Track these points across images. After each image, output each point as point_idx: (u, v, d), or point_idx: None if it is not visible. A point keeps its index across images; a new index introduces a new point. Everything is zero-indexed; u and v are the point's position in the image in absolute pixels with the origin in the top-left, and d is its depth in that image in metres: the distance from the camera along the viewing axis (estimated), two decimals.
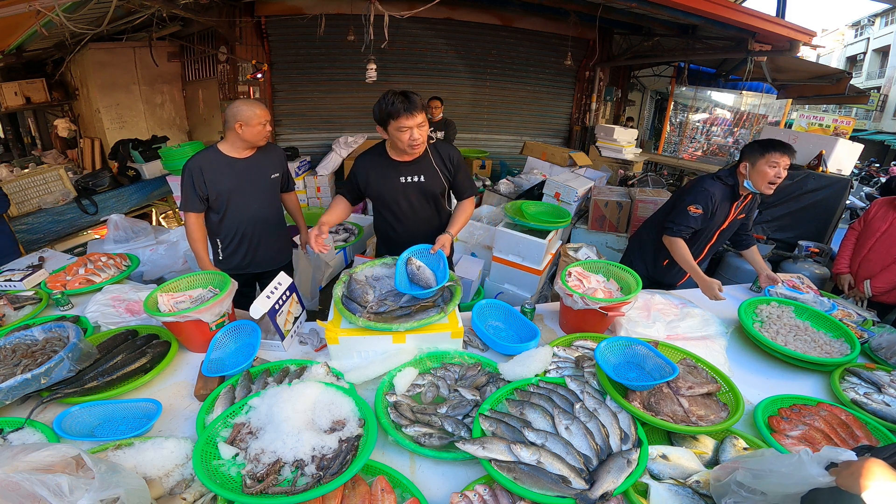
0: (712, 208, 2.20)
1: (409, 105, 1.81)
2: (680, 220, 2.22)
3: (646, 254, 2.52)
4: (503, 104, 6.41)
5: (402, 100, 1.81)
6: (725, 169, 2.31)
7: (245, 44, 5.23)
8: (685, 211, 2.20)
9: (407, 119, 1.82)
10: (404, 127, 1.84)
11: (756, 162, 2.08)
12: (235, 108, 2.08)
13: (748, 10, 3.79)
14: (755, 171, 2.10)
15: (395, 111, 1.81)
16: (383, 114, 1.85)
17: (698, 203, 2.18)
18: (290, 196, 2.56)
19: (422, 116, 1.86)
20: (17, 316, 1.93)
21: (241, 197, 2.21)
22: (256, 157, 2.23)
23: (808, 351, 1.76)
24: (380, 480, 1.14)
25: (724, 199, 2.22)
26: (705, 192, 2.19)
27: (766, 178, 2.07)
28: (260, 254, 2.37)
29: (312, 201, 5.48)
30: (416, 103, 1.83)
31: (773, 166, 2.05)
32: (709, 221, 2.25)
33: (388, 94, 1.85)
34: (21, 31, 4.10)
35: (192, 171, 2.10)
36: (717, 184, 2.22)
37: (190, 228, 2.18)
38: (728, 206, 2.25)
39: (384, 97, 1.86)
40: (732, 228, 2.36)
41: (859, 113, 17.64)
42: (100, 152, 5.79)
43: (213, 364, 1.59)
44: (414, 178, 2.05)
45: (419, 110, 1.84)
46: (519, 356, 1.60)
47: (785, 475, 0.90)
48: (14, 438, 1.27)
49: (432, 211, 2.17)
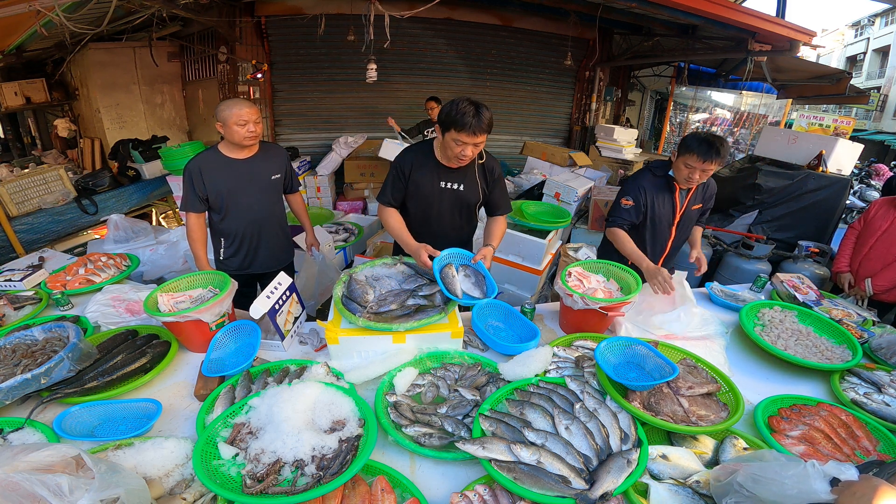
0: (644, 199, 2.22)
1: (478, 124, 1.72)
2: (614, 213, 2.29)
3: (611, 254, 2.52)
4: (503, 104, 6.41)
5: (474, 115, 1.71)
6: (660, 160, 2.34)
7: (245, 44, 5.23)
8: (618, 203, 2.28)
9: (468, 137, 1.74)
10: (462, 142, 1.77)
11: (677, 157, 2.10)
12: (217, 108, 2.07)
13: (748, 10, 3.79)
14: (675, 166, 2.13)
15: (462, 124, 1.72)
16: (449, 119, 1.75)
17: (628, 195, 2.25)
18: (294, 197, 2.56)
19: (483, 137, 1.77)
20: (17, 316, 1.92)
21: (241, 198, 2.20)
22: (257, 157, 2.22)
23: (809, 356, 1.75)
24: (380, 480, 1.14)
25: (658, 189, 2.22)
26: (634, 184, 2.26)
27: (682, 174, 2.11)
28: (261, 255, 2.36)
29: (312, 201, 5.48)
30: (483, 123, 1.73)
31: (688, 167, 2.05)
32: (652, 213, 2.24)
33: (463, 101, 1.74)
34: (21, 31, 4.10)
35: (192, 171, 2.11)
36: (646, 174, 2.27)
37: (190, 228, 2.18)
38: (669, 198, 2.24)
39: (457, 103, 1.74)
40: (690, 220, 2.35)
41: (859, 113, 17.62)
42: (100, 152, 5.79)
43: (213, 364, 1.59)
44: (453, 186, 2.01)
45: (485, 132, 1.75)
46: (519, 356, 1.60)
47: (787, 486, 0.89)
48: (14, 438, 1.27)
49: (463, 220, 2.14)
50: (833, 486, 0.85)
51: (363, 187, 5.60)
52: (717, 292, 2.28)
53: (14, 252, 3.79)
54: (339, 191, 5.76)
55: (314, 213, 4.90)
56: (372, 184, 5.57)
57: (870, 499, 0.78)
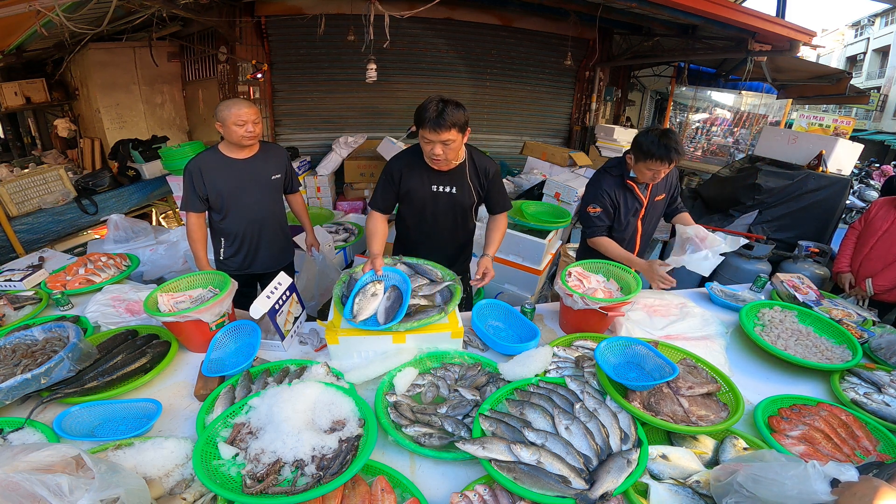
0: (610, 200, 2.22)
1: (438, 121, 1.67)
2: (587, 224, 2.29)
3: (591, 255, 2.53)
4: (503, 104, 6.41)
5: (436, 112, 1.67)
6: (614, 159, 2.33)
7: (245, 44, 5.23)
8: (586, 214, 2.28)
9: (431, 133, 1.71)
10: (427, 139, 1.75)
11: (638, 161, 2.09)
12: (217, 108, 2.08)
13: (748, 10, 3.79)
14: (637, 168, 2.13)
15: (424, 120, 1.70)
16: (416, 117, 1.74)
17: (593, 202, 2.24)
18: (294, 197, 2.56)
19: (450, 134, 1.72)
20: (17, 316, 1.93)
21: (241, 197, 2.20)
22: (257, 157, 2.22)
23: (810, 357, 1.75)
24: (380, 480, 1.14)
25: (619, 187, 2.23)
26: (594, 189, 2.26)
27: (646, 176, 2.11)
28: (261, 255, 2.36)
29: (312, 201, 5.48)
30: (445, 120, 1.67)
31: (651, 170, 2.06)
32: (621, 212, 2.25)
33: (431, 99, 1.71)
34: (21, 31, 4.10)
35: (192, 171, 2.11)
36: (604, 176, 2.27)
37: (190, 228, 2.19)
38: (631, 194, 2.24)
39: (427, 100, 1.71)
40: (656, 212, 2.36)
41: (859, 113, 17.63)
42: (100, 152, 5.79)
43: (213, 364, 1.59)
44: (445, 189, 1.98)
45: (446, 128, 1.69)
46: (519, 356, 1.60)
47: (787, 486, 0.89)
48: (14, 438, 1.27)
49: (458, 223, 2.12)
50: (833, 487, 0.85)
51: (363, 187, 5.60)
52: (717, 292, 2.28)
53: (14, 252, 3.79)
54: (339, 191, 5.76)
55: (314, 213, 4.90)
56: (372, 184, 5.57)
57: (870, 500, 0.77)
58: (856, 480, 0.85)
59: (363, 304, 1.62)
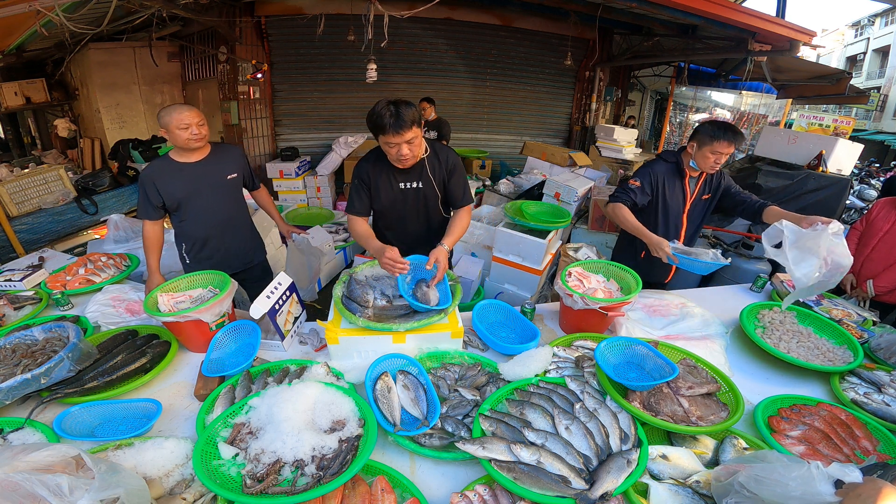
0: (653, 182, 2.26)
1: (398, 123, 1.68)
2: (619, 190, 2.33)
3: (625, 249, 2.54)
4: (503, 104, 6.41)
5: (391, 115, 1.68)
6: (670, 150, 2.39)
7: (245, 44, 5.23)
8: (626, 183, 2.33)
9: (393, 137, 1.72)
10: (391, 143, 1.76)
11: (703, 146, 2.13)
12: (158, 114, 2.06)
13: (748, 10, 3.79)
14: (700, 154, 2.16)
15: (382, 126, 1.71)
16: (371, 126, 1.76)
17: (637, 177, 2.30)
18: (259, 193, 2.56)
19: (412, 132, 1.73)
20: (17, 316, 1.92)
21: (199, 200, 2.19)
22: (209, 159, 2.19)
23: (811, 358, 1.74)
24: (380, 480, 1.14)
25: (669, 174, 2.27)
26: (645, 169, 2.32)
27: (707, 162, 2.15)
28: (231, 254, 2.35)
29: (312, 201, 5.48)
30: (404, 121, 1.69)
31: (715, 154, 2.10)
32: (663, 199, 2.28)
33: (380, 105, 1.72)
34: (21, 31, 4.10)
35: (145, 181, 2.09)
36: (658, 161, 2.33)
37: (144, 236, 2.17)
38: (679, 185, 2.28)
39: (375, 108, 1.73)
40: (700, 211, 2.38)
41: (859, 113, 17.63)
42: (100, 152, 5.80)
43: (213, 364, 1.59)
44: (412, 185, 2.00)
45: (407, 128, 1.71)
46: (519, 356, 1.60)
47: (791, 487, 0.88)
48: (14, 438, 1.27)
49: (430, 217, 2.12)
50: (837, 489, 0.84)
51: None
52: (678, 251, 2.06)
53: (14, 252, 3.79)
54: (339, 191, 5.76)
55: (314, 214, 4.90)
56: None
57: (874, 501, 0.77)
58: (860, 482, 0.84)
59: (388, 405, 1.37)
